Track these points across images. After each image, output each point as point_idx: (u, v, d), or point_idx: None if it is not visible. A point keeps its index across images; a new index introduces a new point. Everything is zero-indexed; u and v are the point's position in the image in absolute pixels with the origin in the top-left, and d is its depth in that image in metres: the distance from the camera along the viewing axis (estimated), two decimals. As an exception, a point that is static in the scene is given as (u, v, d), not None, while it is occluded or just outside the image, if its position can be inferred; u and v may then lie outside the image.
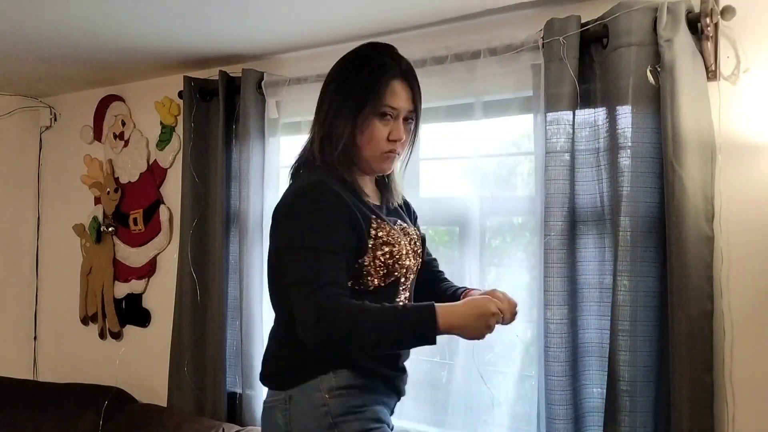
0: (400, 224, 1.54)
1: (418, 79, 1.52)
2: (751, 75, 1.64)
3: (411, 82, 1.50)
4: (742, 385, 1.64)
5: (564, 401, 1.75)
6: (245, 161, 2.44)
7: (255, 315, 2.43)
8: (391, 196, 1.59)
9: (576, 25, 1.76)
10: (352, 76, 1.48)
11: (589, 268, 1.80)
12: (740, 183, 1.64)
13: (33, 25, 2.20)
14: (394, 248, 1.45)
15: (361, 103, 1.45)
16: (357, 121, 1.45)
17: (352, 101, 1.45)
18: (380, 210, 1.52)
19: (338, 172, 1.46)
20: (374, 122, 1.46)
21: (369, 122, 1.45)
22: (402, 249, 1.47)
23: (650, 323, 1.65)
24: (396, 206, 1.60)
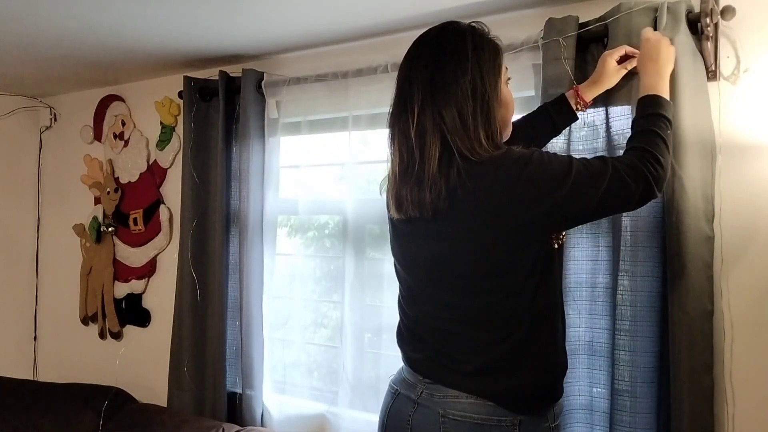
0: None
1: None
2: (751, 75, 1.64)
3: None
4: (742, 385, 1.64)
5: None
6: (245, 161, 2.44)
7: (255, 315, 2.43)
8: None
9: (574, 25, 1.76)
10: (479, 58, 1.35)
11: (581, 267, 1.80)
12: (740, 183, 1.64)
13: (33, 25, 2.20)
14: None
15: (498, 76, 1.37)
16: (498, 95, 1.37)
17: (492, 79, 1.36)
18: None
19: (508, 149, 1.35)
20: (507, 89, 1.43)
21: (505, 91, 1.41)
22: None
23: (651, 323, 1.65)
24: None
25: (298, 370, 2.49)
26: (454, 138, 1.31)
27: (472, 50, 1.35)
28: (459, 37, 1.37)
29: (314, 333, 2.51)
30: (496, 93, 1.36)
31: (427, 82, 1.35)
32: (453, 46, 1.36)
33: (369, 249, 2.28)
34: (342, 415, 2.28)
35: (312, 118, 2.42)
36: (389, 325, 2.22)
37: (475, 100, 1.33)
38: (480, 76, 1.34)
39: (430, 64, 1.36)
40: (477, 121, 1.32)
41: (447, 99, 1.33)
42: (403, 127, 1.38)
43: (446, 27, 1.41)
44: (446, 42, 1.38)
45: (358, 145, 2.30)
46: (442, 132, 1.32)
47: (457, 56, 1.34)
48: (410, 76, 1.39)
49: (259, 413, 2.44)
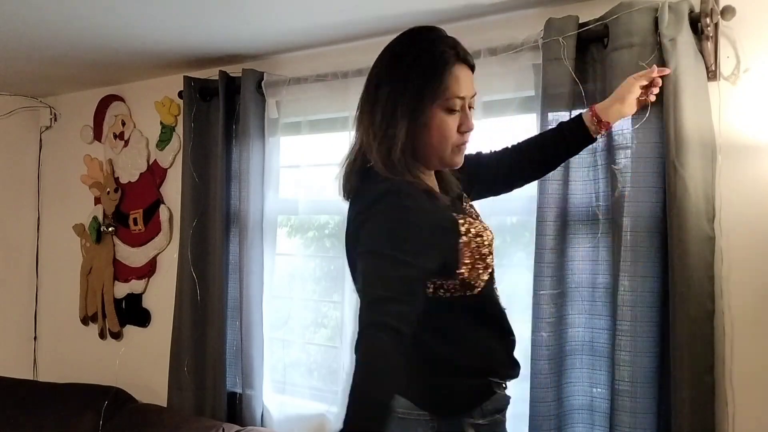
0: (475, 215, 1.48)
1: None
2: (751, 75, 1.64)
3: (470, 62, 1.36)
4: (742, 385, 1.64)
5: (549, 398, 1.76)
6: (245, 161, 2.44)
7: (255, 315, 2.43)
8: (450, 185, 1.48)
9: (574, 25, 1.76)
10: (408, 69, 1.31)
11: (581, 267, 1.80)
12: (740, 183, 1.64)
13: (33, 25, 2.20)
14: (483, 237, 1.36)
15: (423, 98, 1.30)
16: (418, 119, 1.31)
17: (411, 97, 1.30)
18: (454, 205, 1.43)
19: (406, 176, 1.31)
20: (441, 117, 1.32)
21: (435, 117, 1.31)
22: (489, 234, 1.40)
23: (651, 323, 1.65)
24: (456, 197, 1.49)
25: (298, 370, 2.48)
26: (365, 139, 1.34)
27: (408, 62, 1.31)
28: (408, 45, 1.35)
29: (314, 333, 2.51)
30: (416, 114, 1.30)
31: (367, 80, 1.38)
32: (398, 53, 1.35)
33: (369, 249, 2.27)
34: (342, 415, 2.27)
35: (312, 118, 2.42)
36: (389, 325, 2.21)
37: (386, 111, 1.31)
38: (402, 91, 1.30)
39: (376, 63, 1.38)
40: (383, 132, 1.30)
41: (369, 100, 1.35)
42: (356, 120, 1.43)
43: (410, 31, 1.38)
44: (396, 46, 1.37)
45: (358, 145, 2.30)
46: (361, 132, 1.36)
47: (394, 63, 1.34)
48: (369, 74, 1.41)
49: (259, 413, 2.44)
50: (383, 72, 1.35)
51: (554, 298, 1.77)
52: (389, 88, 1.31)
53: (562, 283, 1.79)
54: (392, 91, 1.31)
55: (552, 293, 1.76)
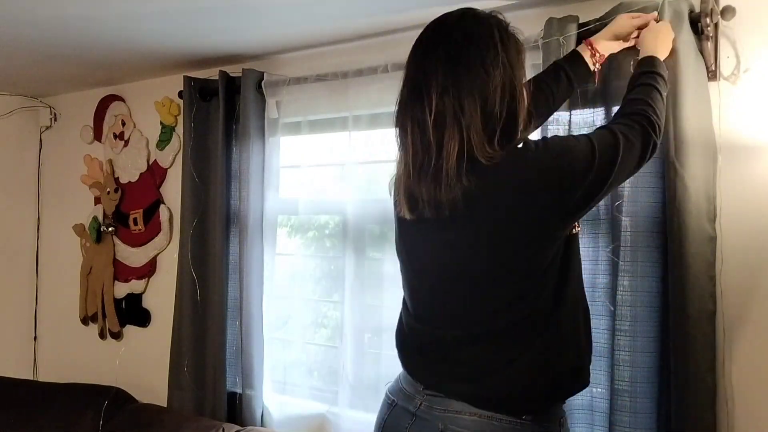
0: None
1: None
2: (751, 75, 1.64)
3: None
4: (743, 385, 1.64)
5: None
6: (245, 161, 2.44)
7: (255, 315, 2.43)
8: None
9: (574, 25, 1.76)
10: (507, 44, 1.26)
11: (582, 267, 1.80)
12: (741, 183, 1.64)
13: (33, 25, 2.20)
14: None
15: (523, 68, 1.31)
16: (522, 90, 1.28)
17: (519, 69, 1.28)
18: None
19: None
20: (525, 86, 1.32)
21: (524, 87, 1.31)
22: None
23: (651, 323, 1.65)
24: None
25: (298, 370, 2.48)
26: (472, 134, 1.20)
27: (500, 43, 1.24)
28: (485, 27, 1.26)
29: (314, 333, 2.51)
30: (522, 90, 1.28)
31: (449, 72, 1.23)
32: (479, 33, 1.25)
33: (369, 249, 2.28)
34: (342, 415, 2.28)
35: (312, 118, 2.42)
36: (389, 325, 2.21)
37: (504, 97, 1.22)
38: (511, 71, 1.24)
39: (453, 52, 1.24)
40: (501, 120, 1.22)
41: (472, 88, 1.21)
42: (419, 117, 1.24)
43: (467, 13, 1.29)
44: (471, 30, 1.26)
45: (358, 145, 2.30)
46: (462, 125, 1.21)
47: (485, 44, 1.23)
48: (426, 64, 1.26)
49: (259, 413, 2.44)
50: (478, 50, 1.23)
51: (554, 298, 1.77)
52: (497, 64, 1.23)
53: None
54: (504, 71, 1.23)
55: (552, 293, 1.76)
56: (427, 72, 1.25)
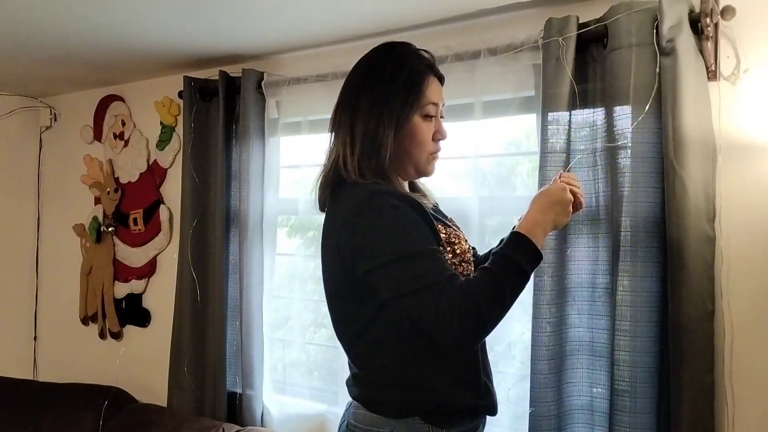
0: (451, 223, 1.50)
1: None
2: (751, 75, 1.64)
3: (440, 75, 1.45)
4: (743, 385, 1.64)
5: (549, 399, 1.76)
6: (245, 161, 2.44)
7: (255, 315, 2.43)
8: (427, 198, 1.54)
9: (574, 25, 1.76)
10: (390, 80, 1.36)
11: (581, 267, 1.80)
12: (740, 183, 1.64)
13: (33, 25, 2.20)
14: (455, 246, 1.38)
15: (405, 106, 1.36)
16: (401, 127, 1.36)
17: (395, 106, 1.35)
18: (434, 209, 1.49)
19: (388, 185, 1.35)
20: (419, 124, 1.38)
21: (414, 125, 1.37)
22: (464, 245, 1.42)
23: (651, 323, 1.65)
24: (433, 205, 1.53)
25: (298, 370, 2.49)
26: (340, 151, 1.36)
27: (389, 73, 1.36)
28: (384, 56, 1.41)
29: (314, 333, 2.51)
30: (399, 122, 1.35)
31: (343, 90, 1.42)
32: (375, 63, 1.40)
33: (369, 249, 2.27)
34: (342, 415, 2.27)
35: (312, 118, 2.42)
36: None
37: (370, 120, 1.34)
38: (385, 99, 1.35)
39: (352, 74, 1.42)
40: (363, 142, 1.34)
41: (348, 109, 1.38)
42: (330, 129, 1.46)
43: (383, 45, 1.45)
44: (373, 58, 1.42)
45: (358, 145, 2.30)
46: (339, 141, 1.39)
47: (373, 74, 1.38)
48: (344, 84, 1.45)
49: (259, 413, 2.44)
50: (363, 83, 1.39)
51: (554, 298, 1.77)
52: (372, 98, 1.36)
53: (562, 283, 1.79)
54: (376, 100, 1.35)
55: (552, 293, 1.76)
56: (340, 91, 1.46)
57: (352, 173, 1.34)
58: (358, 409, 1.41)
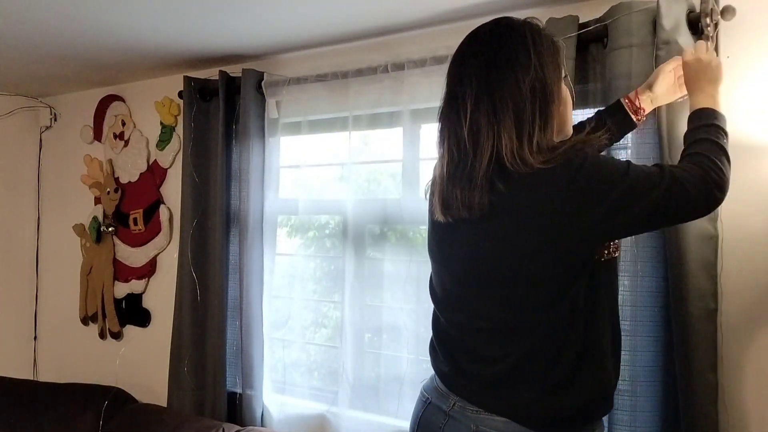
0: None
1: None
2: (751, 75, 1.64)
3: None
4: (744, 383, 1.64)
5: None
6: (245, 161, 2.44)
7: (255, 315, 2.43)
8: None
9: (574, 25, 1.76)
10: (537, 54, 1.28)
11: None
12: (741, 182, 1.63)
13: (33, 25, 2.20)
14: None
15: (556, 74, 1.30)
16: (559, 96, 1.30)
17: (551, 77, 1.28)
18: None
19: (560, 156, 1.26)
20: (563, 88, 1.33)
21: (563, 91, 1.33)
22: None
23: (651, 323, 1.65)
24: None
25: (298, 370, 2.48)
26: (504, 140, 1.24)
27: (532, 46, 1.28)
28: (516, 33, 1.30)
29: (314, 333, 2.51)
30: (558, 92, 1.30)
31: (483, 79, 1.28)
32: (511, 42, 1.29)
33: (369, 249, 2.28)
34: (342, 415, 2.28)
35: (312, 118, 2.42)
36: (389, 325, 2.21)
37: (535, 100, 1.25)
38: (542, 74, 1.26)
39: (486, 60, 1.29)
40: (535, 124, 1.25)
41: (504, 97, 1.25)
42: (455, 126, 1.30)
43: (500, 22, 1.34)
44: (503, 38, 1.30)
45: (358, 145, 2.30)
46: (495, 131, 1.25)
47: (516, 53, 1.27)
48: (462, 73, 1.32)
49: (259, 413, 2.44)
50: (510, 58, 1.27)
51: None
52: (529, 71, 1.26)
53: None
54: (534, 77, 1.26)
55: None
56: (462, 81, 1.31)
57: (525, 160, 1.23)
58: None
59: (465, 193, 1.28)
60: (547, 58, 1.29)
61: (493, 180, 1.26)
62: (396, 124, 2.19)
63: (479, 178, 1.26)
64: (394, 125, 2.20)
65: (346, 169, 2.30)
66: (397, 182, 2.22)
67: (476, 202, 1.27)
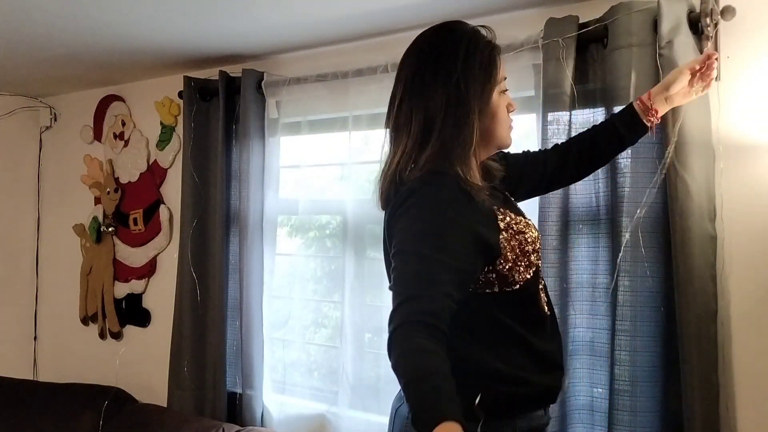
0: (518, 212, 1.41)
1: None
2: (750, 75, 1.64)
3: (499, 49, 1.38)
4: (745, 383, 1.64)
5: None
6: (245, 161, 2.44)
7: (255, 315, 2.43)
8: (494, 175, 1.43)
9: (574, 25, 1.76)
10: (466, 61, 1.28)
11: (582, 267, 1.80)
12: (741, 182, 1.64)
13: (33, 25, 2.20)
14: (525, 234, 1.31)
15: (486, 86, 1.29)
16: (484, 108, 1.29)
17: (476, 88, 1.28)
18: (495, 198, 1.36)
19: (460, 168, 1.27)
20: (497, 101, 1.33)
21: (495, 103, 1.32)
22: (533, 231, 1.34)
23: (651, 323, 1.65)
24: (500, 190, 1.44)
25: (298, 370, 2.48)
26: (408, 147, 1.29)
27: (462, 56, 1.28)
28: (451, 41, 1.31)
29: (314, 333, 2.51)
30: (482, 103, 1.29)
31: (408, 80, 1.31)
32: (442, 50, 1.31)
33: (369, 249, 2.28)
34: (342, 415, 2.28)
35: (312, 118, 2.42)
36: (389, 325, 2.21)
37: (449, 111, 1.26)
38: (464, 86, 1.27)
39: (416, 62, 1.32)
40: (445, 130, 1.26)
41: (420, 101, 1.28)
42: (386, 122, 1.38)
43: (442, 27, 1.36)
44: (437, 42, 1.33)
45: (358, 145, 2.30)
46: (406, 136, 1.30)
47: (442, 62, 1.29)
48: (398, 73, 1.36)
49: (259, 413, 2.44)
50: (435, 69, 1.29)
51: (555, 298, 1.76)
52: (448, 84, 1.27)
53: (563, 283, 1.79)
54: (455, 86, 1.27)
55: (553, 293, 1.76)
56: (397, 82, 1.35)
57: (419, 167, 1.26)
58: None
59: (384, 188, 1.35)
60: (478, 70, 1.29)
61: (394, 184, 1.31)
62: (396, 124, 2.19)
63: (389, 175, 1.33)
64: (394, 125, 2.20)
65: (346, 169, 2.30)
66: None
67: (384, 201, 1.35)
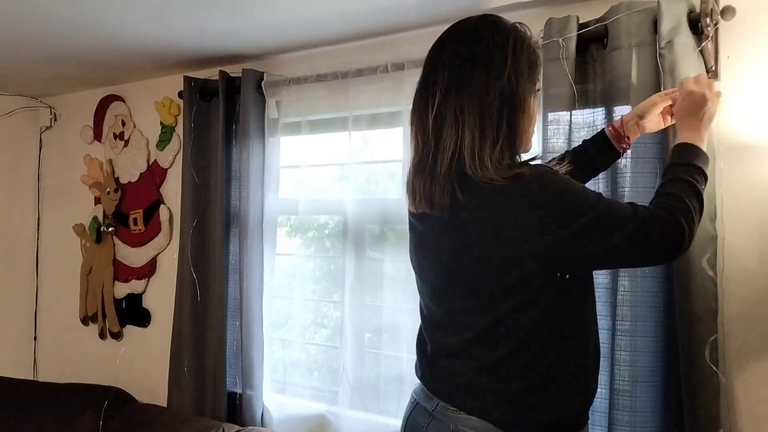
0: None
1: None
2: (750, 74, 1.64)
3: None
4: (746, 383, 1.64)
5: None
6: (245, 161, 2.44)
7: (255, 315, 2.43)
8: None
9: (574, 25, 1.76)
10: (514, 58, 1.24)
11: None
12: (741, 182, 1.64)
13: (33, 25, 2.20)
14: None
15: (529, 84, 1.25)
16: (525, 106, 1.25)
17: (522, 84, 1.24)
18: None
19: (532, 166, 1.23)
20: (533, 101, 1.29)
21: (532, 103, 1.28)
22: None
23: (651, 323, 1.65)
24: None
25: (298, 370, 2.49)
26: (468, 140, 1.21)
27: (511, 52, 1.24)
28: (499, 34, 1.25)
29: (314, 333, 2.51)
30: (527, 105, 1.26)
31: (455, 71, 1.24)
32: (491, 42, 1.24)
33: (369, 249, 2.28)
34: (342, 415, 2.28)
35: (312, 118, 2.42)
36: (389, 325, 2.21)
37: (502, 107, 1.22)
38: (516, 82, 1.23)
39: (464, 53, 1.25)
40: (499, 130, 1.21)
41: (472, 94, 1.22)
42: (423, 114, 1.27)
43: (487, 18, 1.29)
44: (484, 35, 1.26)
45: (358, 145, 2.30)
46: (459, 126, 1.22)
47: (493, 54, 1.23)
48: (437, 62, 1.28)
49: (259, 413, 2.44)
50: (487, 57, 1.23)
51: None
52: (503, 74, 1.22)
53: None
54: (510, 76, 1.22)
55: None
56: (436, 70, 1.28)
57: (484, 166, 1.19)
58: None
59: (427, 186, 1.26)
60: (524, 68, 1.25)
61: (453, 182, 1.23)
62: (396, 124, 2.19)
63: (441, 174, 1.24)
64: (394, 125, 2.20)
65: (346, 169, 2.30)
66: (397, 182, 2.22)
67: (437, 200, 1.25)
